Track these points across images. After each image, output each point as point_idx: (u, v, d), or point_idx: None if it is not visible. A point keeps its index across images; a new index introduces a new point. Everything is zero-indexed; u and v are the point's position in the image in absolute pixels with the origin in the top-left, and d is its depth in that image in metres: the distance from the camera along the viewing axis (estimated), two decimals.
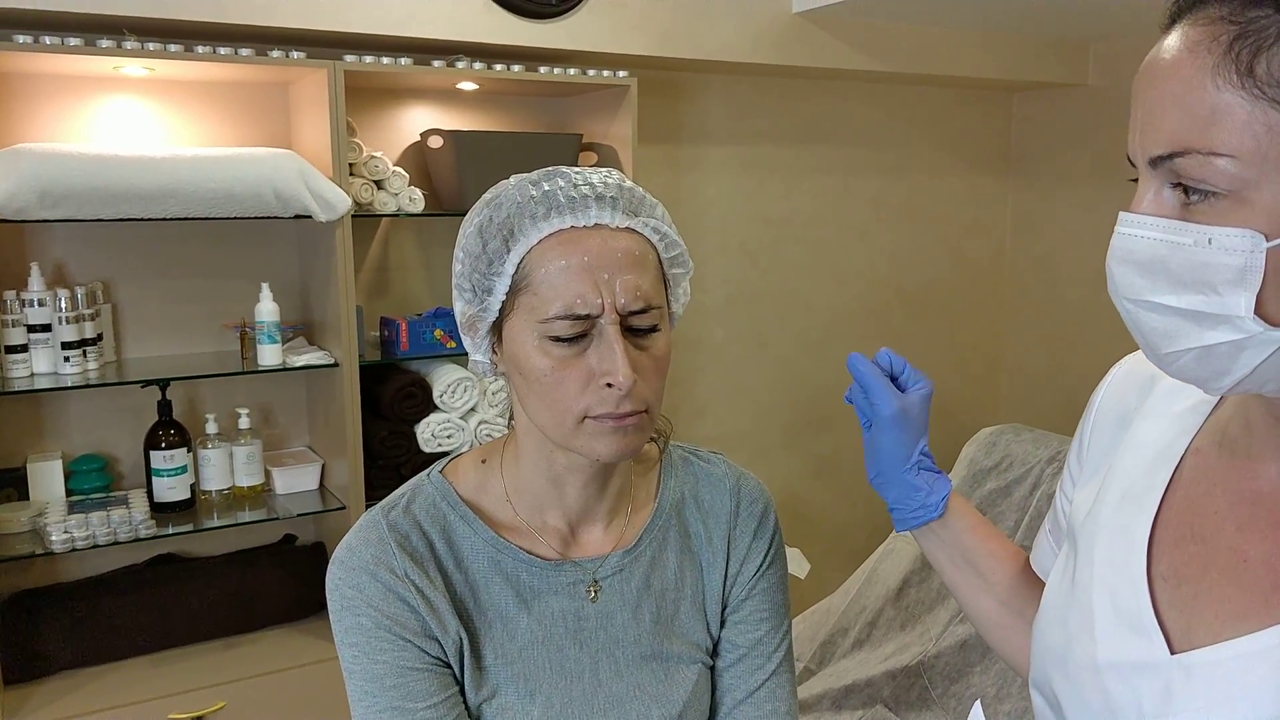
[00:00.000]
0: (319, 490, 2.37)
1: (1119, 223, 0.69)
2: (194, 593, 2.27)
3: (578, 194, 0.86)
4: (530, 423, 0.91)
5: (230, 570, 2.33)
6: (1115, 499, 0.81)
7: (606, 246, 0.85)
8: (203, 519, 2.19)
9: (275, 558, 2.40)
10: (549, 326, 0.84)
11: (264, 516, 2.23)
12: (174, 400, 2.18)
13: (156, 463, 2.15)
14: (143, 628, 2.21)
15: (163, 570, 2.29)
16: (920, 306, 3.41)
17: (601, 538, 0.99)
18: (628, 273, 0.85)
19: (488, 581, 0.94)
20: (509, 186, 0.90)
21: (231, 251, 2.34)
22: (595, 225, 0.85)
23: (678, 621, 1.00)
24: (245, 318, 2.26)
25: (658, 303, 0.87)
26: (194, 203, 2.00)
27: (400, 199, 2.31)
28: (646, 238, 0.89)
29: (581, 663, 0.95)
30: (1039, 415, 3.48)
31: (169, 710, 2.06)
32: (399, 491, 0.98)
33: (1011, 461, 2.09)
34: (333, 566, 0.93)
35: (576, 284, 0.83)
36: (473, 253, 0.88)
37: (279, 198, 2.06)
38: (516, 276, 0.86)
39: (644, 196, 0.91)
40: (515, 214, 0.86)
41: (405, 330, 2.31)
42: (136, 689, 2.08)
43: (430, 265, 2.59)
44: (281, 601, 2.36)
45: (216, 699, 2.10)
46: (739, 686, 1.02)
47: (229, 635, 2.30)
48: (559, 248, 0.84)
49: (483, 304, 0.89)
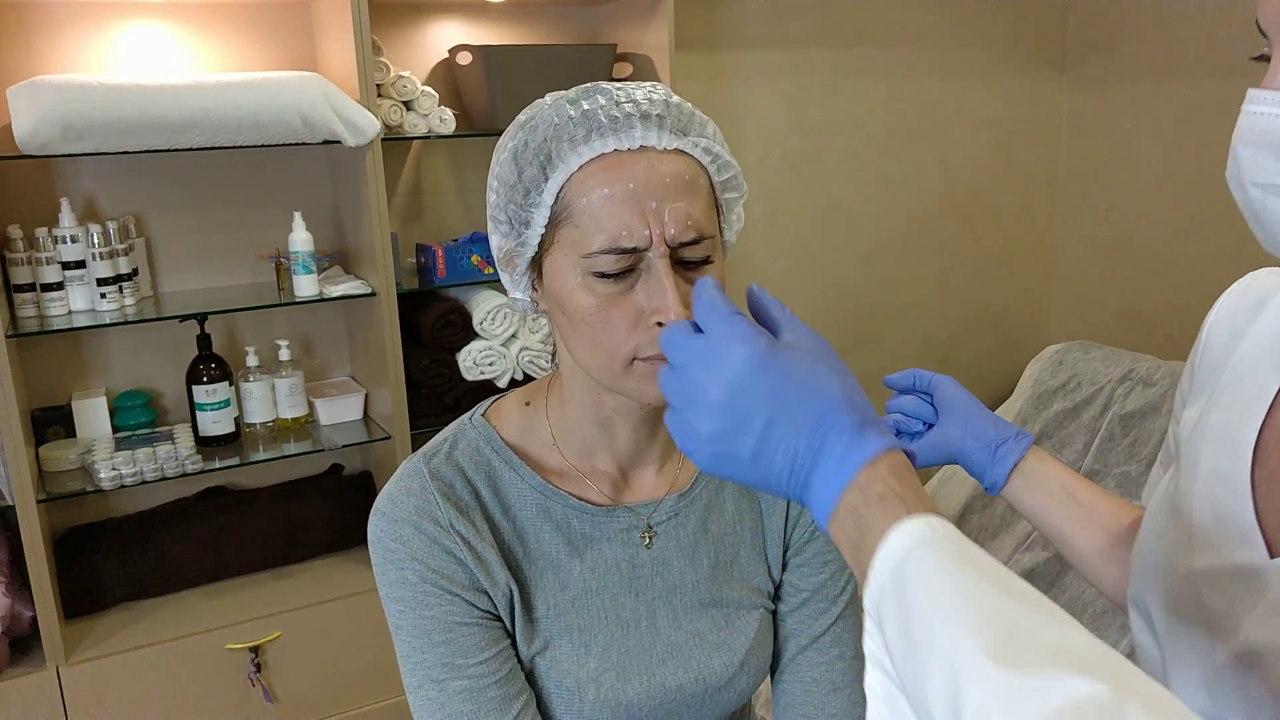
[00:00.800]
0: (363, 420, 2.35)
1: (1248, 100, 0.63)
2: (244, 525, 2.28)
3: (620, 113, 0.78)
4: (575, 364, 0.86)
5: (278, 502, 2.33)
6: (1223, 409, 0.79)
7: (653, 171, 0.77)
8: (248, 452, 2.18)
9: (322, 488, 2.40)
10: (592, 262, 0.77)
11: (309, 449, 2.22)
12: (213, 334, 2.16)
13: (199, 397, 2.14)
14: (195, 560, 2.23)
15: (212, 503, 2.30)
16: (971, 216, 3.28)
17: (654, 481, 0.94)
18: (677, 200, 0.77)
19: (537, 530, 0.90)
20: (544, 107, 0.82)
21: (262, 181, 2.29)
22: (641, 148, 0.78)
23: (737, 566, 0.96)
24: (279, 248, 2.22)
25: (710, 232, 0.80)
26: (219, 131, 1.94)
27: (430, 120, 2.24)
28: (697, 160, 0.81)
29: (638, 611, 0.91)
30: (1093, 329, 3.37)
31: (226, 641, 2.08)
32: (440, 437, 0.94)
33: (1080, 381, 2.00)
34: (374, 518, 0.89)
35: (621, 214, 0.76)
36: (507, 181, 0.82)
37: (306, 123, 2.00)
38: (556, 207, 0.79)
39: (693, 113, 0.83)
40: (552, 137, 0.79)
41: (442, 256, 2.26)
42: (193, 620, 2.11)
43: (464, 188, 2.52)
44: (329, 531, 2.37)
45: (272, 629, 2.12)
46: (803, 631, 0.98)
47: (278, 566, 2.32)
48: (601, 174, 0.77)
49: (520, 237, 0.83)
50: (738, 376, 0.60)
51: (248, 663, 2.10)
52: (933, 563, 0.52)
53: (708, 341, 0.62)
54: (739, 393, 0.60)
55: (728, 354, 0.61)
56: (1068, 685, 0.45)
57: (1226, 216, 2.91)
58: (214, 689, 2.08)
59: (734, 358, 0.60)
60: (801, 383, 0.59)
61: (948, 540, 0.53)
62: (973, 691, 0.46)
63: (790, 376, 0.60)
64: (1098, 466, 1.92)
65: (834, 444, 0.58)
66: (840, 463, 0.57)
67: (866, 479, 0.56)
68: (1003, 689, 0.45)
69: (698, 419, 0.61)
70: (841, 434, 0.58)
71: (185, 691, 2.05)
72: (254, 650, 2.10)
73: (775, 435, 0.59)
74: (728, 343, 0.61)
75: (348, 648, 2.19)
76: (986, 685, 0.46)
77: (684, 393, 0.62)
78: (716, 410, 0.60)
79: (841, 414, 0.58)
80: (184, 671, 2.05)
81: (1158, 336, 3.15)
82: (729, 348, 0.61)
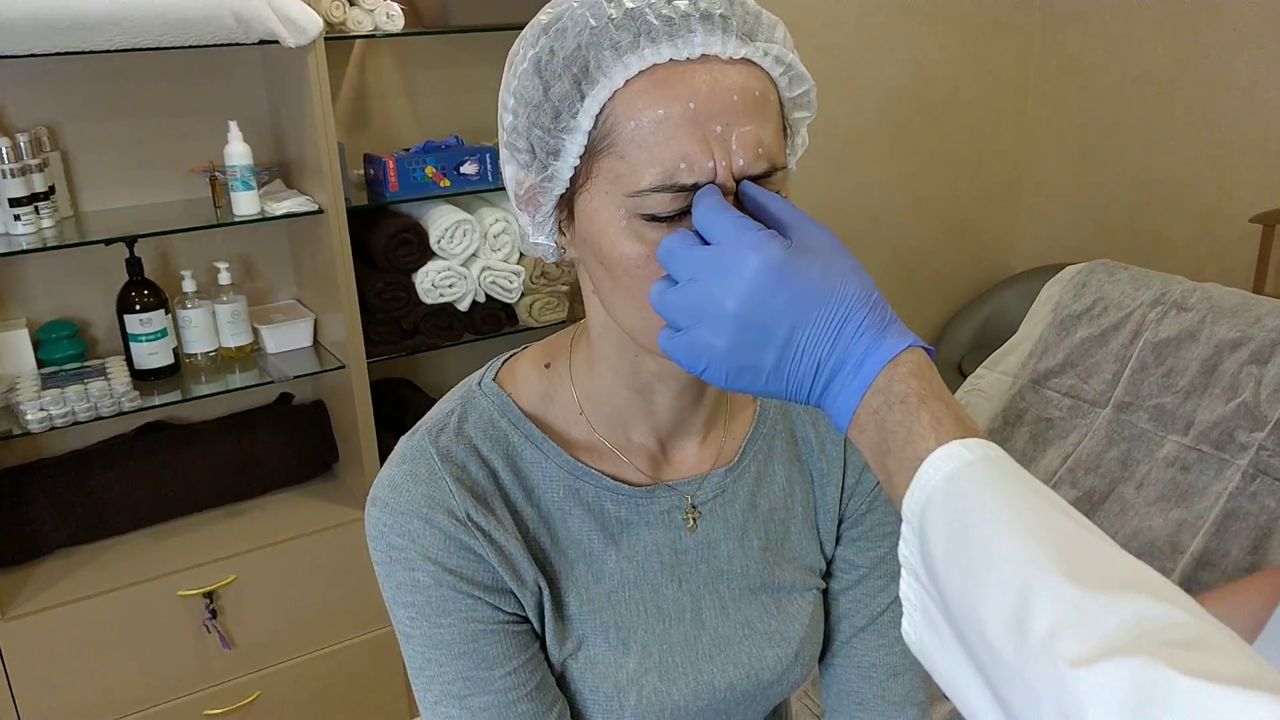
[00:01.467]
0: (314, 348, 2.19)
1: None
2: (189, 460, 2.13)
3: (675, 12, 0.62)
4: (609, 320, 0.72)
5: (226, 435, 2.18)
6: None
7: (718, 87, 0.62)
8: (190, 385, 2.02)
9: (273, 419, 2.24)
10: (641, 201, 0.63)
11: (256, 380, 2.06)
12: (144, 257, 1.96)
13: (132, 327, 1.96)
14: (137, 501, 2.08)
15: (153, 439, 2.13)
16: (943, 119, 3.16)
17: (698, 454, 0.82)
18: (746, 122, 0.63)
19: (565, 515, 0.78)
20: (573, 4, 0.66)
21: (192, 86, 2.07)
22: (702, 57, 0.63)
23: (788, 544, 0.85)
24: (214, 160, 2.02)
25: (782, 161, 0.66)
26: (141, 30, 1.72)
27: (376, 16, 2.03)
28: (767, 71, 0.66)
29: (681, 603, 0.80)
30: (1061, 234, 3.31)
31: (177, 587, 1.95)
32: (444, 407, 0.80)
33: (1106, 305, 1.88)
34: (373, 508, 0.76)
35: (680, 141, 0.61)
36: (529, 100, 0.66)
37: (239, 21, 1.79)
38: (595, 133, 0.64)
39: (760, 12, 0.67)
40: (589, 44, 0.63)
41: (393, 169, 2.07)
42: (139, 566, 1.96)
43: (415, 92, 2.32)
44: (283, 464, 2.23)
45: (226, 573, 1.99)
46: (859, 611, 0.88)
47: (230, 503, 2.18)
48: (653, 91, 0.62)
49: (547, 170, 0.67)
50: (756, 286, 0.58)
51: (202, 609, 1.97)
52: (997, 477, 0.52)
53: (717, 251, 0.59)
54: (759, 303, 0.58)
55: (742, 263, 0.58)
56: (1146, 606, 0.44)
57: (1204, 122, 2.83)
58: (166, 638, 1.95)
59: (749, 266, 0.58)
60: (821, 287, 0.58)
61: (1006, 462, 0.53)
62: (1043, 605, 0.45)
63: (809, 281, 0.58)
64: (1129, 399, 1.84)
65: (855, 347, 0.57)
66: (859, 366, 0.57)
67: (886, 380, 0.56)
68: (1078, 603, 0.45)
69: (713, 335, 0.59)
70: (861, 335, 0.58)
71: (135, 643, 1.92)
72: (208, 596, 1.97)
73: (797, 342, 0.58)
74: (741, 250, 0.58)
75: (308, 587, 2.07)
76: (1060, 599, 0.45)
77: (694, 308, 0.60)
78: (734, 323, 0.58)
79: (862, 315, 0.58)
80: (133, 622, 1.92)
81: (1127, 244, 3.10)
82: (743, 256, 0.58)
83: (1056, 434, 1.88)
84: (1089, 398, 1.90)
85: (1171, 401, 1.75)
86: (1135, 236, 3.08)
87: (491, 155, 2.15)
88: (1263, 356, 1.70)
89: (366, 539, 0.76)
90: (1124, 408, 1.82)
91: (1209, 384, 1.75)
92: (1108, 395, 1.84)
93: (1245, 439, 1.71)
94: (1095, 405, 1.91)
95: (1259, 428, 1.70)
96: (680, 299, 0.60)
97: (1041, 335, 1.94)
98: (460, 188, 2.14)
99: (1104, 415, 1.89)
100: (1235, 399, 1.70)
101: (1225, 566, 1.64)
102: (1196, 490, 1.70)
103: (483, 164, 2.14)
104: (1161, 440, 1.77)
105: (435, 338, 2.20)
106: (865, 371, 0.57)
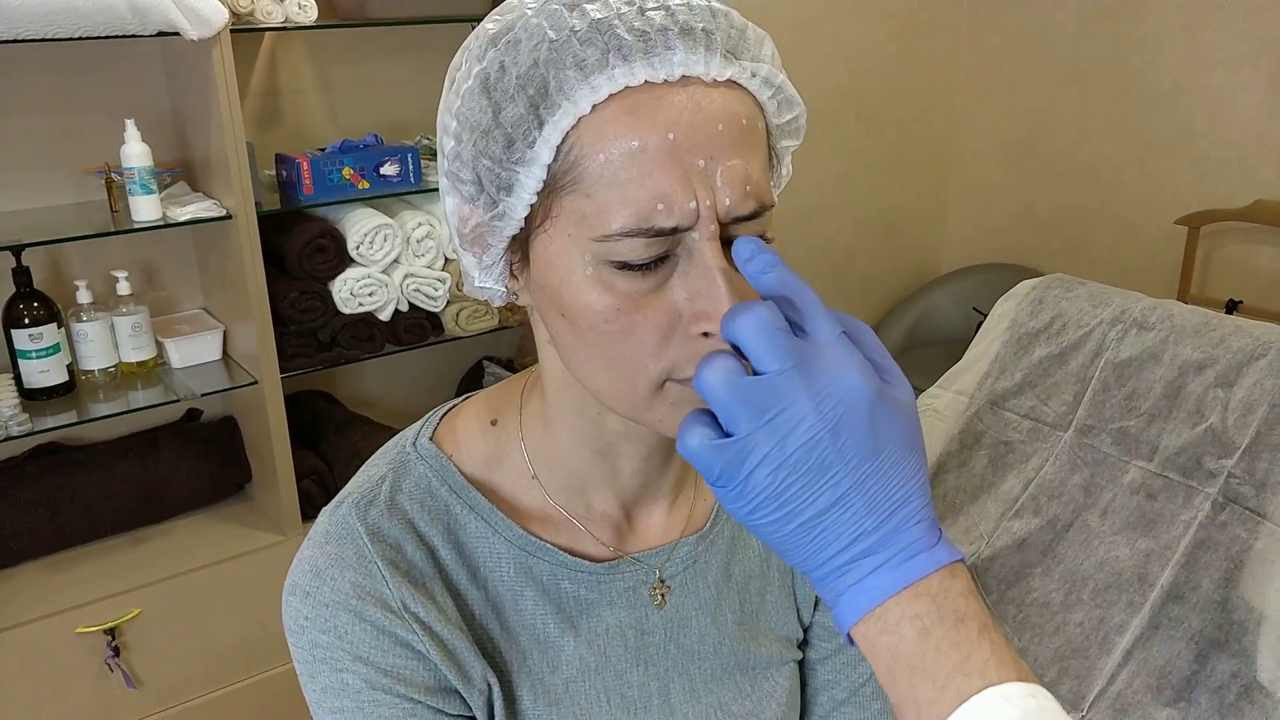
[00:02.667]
0: (223, 361, 2.05)
1: None
2: (87, 485, 1.97)
3: (650, 25, 0.53)
4: (567, 374, 0.63)
5: (128, 456, 2.03)
6: None
7: (701, 114, 0.53)
8: (86, 405, 1.87)
9: (179, 438, 2.10)
10: (611, 247, 0.54)
11: (161, 399, 1.92)
12: (33, 266, 1.81)
13: (20, 343, 1.80)
14: (30, 530, 1.92)
15: (46, 462, 1.97)
16: (872, 116, 3.13)
17: (666, 521, 0.73)
18: (733, 156, 0.54)
19: (516, 598, 0.69)
20: (527, 11, 0.56)
21: (84, 81, 1.91)
22: (681, 79, 0.54)
23: (764, 614, 0.77)
24: (110, 161, 1.87)
25: (770, 200, 0.57)
26: (25, 19, 1.58)
27: (288, 7, 1.89)
28: (754, 95, 0.57)
29: (648, 689, 0.72)
30: (989, 233, 3.31)
31: (76, 624, 1.80)
32: (374, 472, 0.69)
33: (1065, 323, 1.84)
34: (291, 597, 0.66)
35: (657, 178, 0.52)
36: (476, 125, 0.56)
37: (135, 10, 1.65)
38: (557, 167, 0.55)
39: (745, 25, 0.58)
40: (549, 61, 0.54)
41: (307, 170, 1.94)
42: (35, 602, 1.82)
43: (330, 87, 2.18)
44: (191, 486, 2.09)
45: (129, 606, 1.85)
46: (839, 683, 0.80)
47: (134, 529, 2.03)
48: (626, 119, 0.53)
49: (497, 206, 0.57)
50: (849, 416, 0.48)
51: (103, 646, 1.83)
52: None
53: (818, 351, 0.49)
54: (843, 434, 0.48)
55: (840, 379, 0.48)
56: None
57: (1129, 119, 2.84)
58: (65, 679, 1.81)
59: (845, 386, 0.48)
60: (898, 446, 0.49)
61: None
62: None
63: (889, 434, 0.49)
64: (1091, 422, 1.81)
65: (905, 534, 0.49)
66: (907, 558, 0.49)
67: (941, 588, 0.49)
68: None
69: (776, 446, 0.48)
70: (916, 524, 0.49)
71: (31, 685, 1.78)
72: (110, 632, 1.83)
73: (850, 501, 0.48)
74: (842, 365, 0.49)
75: (220, 618, 1.94)
76: None
77: (768, 408, 0.48)
78: (807, 445, 0.48)
79: (921, 502, 0.50)
80: (28, 662, 1.77)
81: (1054, 242, 3.11)
82: (843, 372, 0.49)
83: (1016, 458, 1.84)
84: (1049, 420, 1.86)
85: (1135, 425, 1.72)
86: (1062, 236, 3.10)
87: (414, 155, 2.03)
88: (1229, 379, 1.68)
89: (285, 633, 0.66)
90: (1086, 431, 1.79)
91: (1173, 407, 1.72)
92: (1069, 418, 1.81)
93: (1214, 466, 1.68)
94: (1056, 428, 1.87)
95: (1228, 454, 1.67)
96: (762, 393, 0.48)
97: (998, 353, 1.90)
98: (380, 190, 2.02)
99: (1065, 439, 1.86)
100: (1202, 423, 1.67)
101: (1196, 600, 1.62)
102: (1164, 519, 1.67)
103: (404, 164, 2.03)
104: (1126, 466, 1.74)
105: (355, 349, 2.08)
106: (915, 568, 0.48)
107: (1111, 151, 2.91)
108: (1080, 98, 2.94)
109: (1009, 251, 3.23)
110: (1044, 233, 3.14)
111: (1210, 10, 2.60)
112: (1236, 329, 1.73)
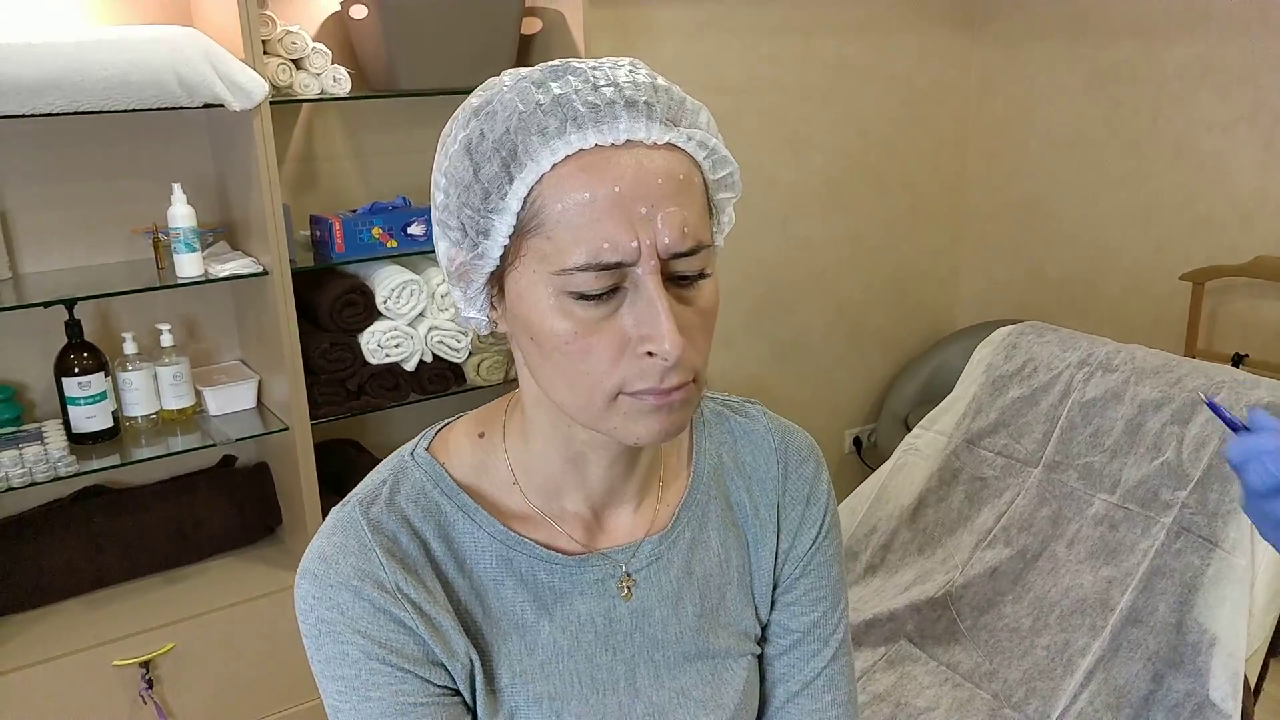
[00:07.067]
0: (257, 409, 2.17)
1: None
2: (128, 526, 2.09)
3: (600, 99, 0.65)
4: (541, 392, 0.73)
5: (166, 499, 2.14)
6: None
7: (643, 171, 0.65)
8: (129, 449, 1.98)
9: (214, 482, 2.21)
10: (569, 280, 0.65)
11: (199, 443, 2.03)
12: (84, 319, 1.94)
13: (70, 390, 1.93)
14: (74, 568, 2.03)
15: (90, 504, 2.09)
16: (883, 177, 3.24)
17: (632, 522, 0.83)
18: (670, 204, 0.65)
19: (498, 586, 0.78)
20: (503, 88, 0.68)
21: (135, 149, 2.06)
22: (626, 142, 0.65)
23: (724, 610, 0.86)
24: (157, 222, 2.01)
25: (707, 240, 0.68)
26: (82, 93, 1.72)
27: (323, 80, 2.04)
28: (690, 155, 0.69)
29: (615, 672, 0.81)
30: (1000, 290, 3.38)
31: (113, 657, 1.90)
32: (376, 478, 0.80)
33: (1036, 366, 1.93)
34: (303, 580, 0.76)
35: (604, 224, 0.64)
36: (460, 180, 0.68)
37: (183, 84, 1.79)
38: (524, 214, 0.66)
39: (684, 99, 0.70)
40: (517, 128, 0.65)
41: (339, 230, 2.08)
42: (74, 635, 1.91)
43: (361, 154, 2.33)
44: (225, 528, 2.20)
45: (164, 640, 1.94)
46: (793, 676, 0.88)
47: (169, 569, 2.13)
48: (580, 175, 0.64)
49: (477, 248, 0.69)
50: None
51: (138, 679, 1.92)
52: None
53: None
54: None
55: None
56: None
57: (1134, 179, 2.92)
58: (101, 710, 1.90)
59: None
60: None
61: None
62: None
63: None
64: (1059, 458, 1.88)
65: None
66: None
67: None
68: None
69: None
70: None
71: (69, 715, 1.87)
72: (144, 665, 1.92)
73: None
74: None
75: (250, 654, 2.03)
76: None
77: None
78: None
79: None
80: (66, 694, 1.86)
81: (1064, 299, 3.18)
82: None
83: (990, 493, 1.92)
84: (1021, 457, 1.95)
85: (1099, 460, 1.79)
86: (1071, 293, 3.16)
87: None
88: (1184, 416, 1.76)
89: (296, 612, 0.75)
90: (1054, 467, 1.86)
91: (1134, 443, 1.80)
92: (1039, 455, 1.89)
93: (1169, 497, 1.75)
94: (1027, 464, 1.95)
95: (1182, 486, 1.74)
96: None
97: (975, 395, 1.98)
98: (407, 248, 2.15)
99: (1035, 474, 1.94)
100: (1159, 458, 1.75)
101: (1153, 623, 1.68)
102: (1125, 548, 1.74)
103: (429, 225, 2.15)
104: (1090, 499, 1.81)
105: (381, 398, 2.19)
106: None
107: (1116, 210, 2.99)
108: (1085, 159, 3.03)
109: (1020, 309, 3.30)
110: (1054, 290, 3.21)
111: (1207, 73, 2.69)
112: (1193, 370, 1.81)
